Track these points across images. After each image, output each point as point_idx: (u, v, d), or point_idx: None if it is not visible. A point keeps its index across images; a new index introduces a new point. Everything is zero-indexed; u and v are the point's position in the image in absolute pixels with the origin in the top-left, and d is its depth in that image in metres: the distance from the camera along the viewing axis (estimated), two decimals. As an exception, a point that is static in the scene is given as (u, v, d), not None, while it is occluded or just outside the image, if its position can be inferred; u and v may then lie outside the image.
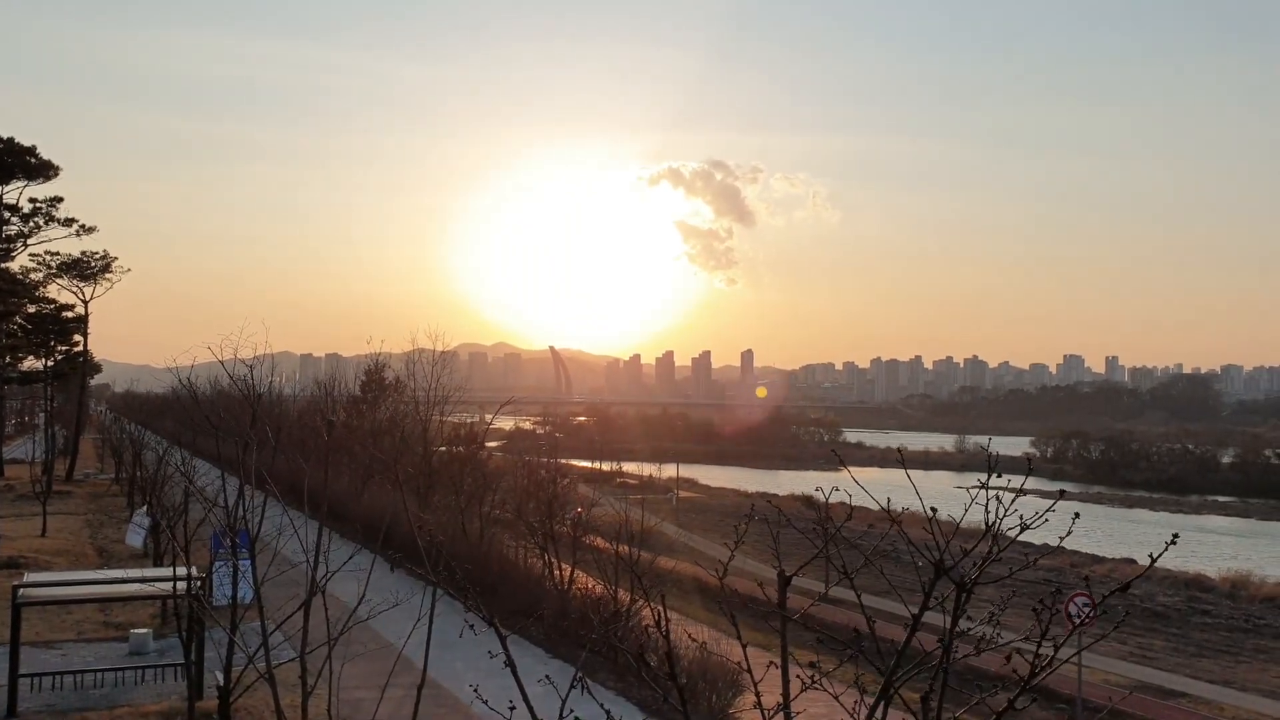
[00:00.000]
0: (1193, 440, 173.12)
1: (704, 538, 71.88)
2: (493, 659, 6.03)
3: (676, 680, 5.18)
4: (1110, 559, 71.84)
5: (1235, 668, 42.73)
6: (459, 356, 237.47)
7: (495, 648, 6.12)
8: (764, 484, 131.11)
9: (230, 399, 33.04)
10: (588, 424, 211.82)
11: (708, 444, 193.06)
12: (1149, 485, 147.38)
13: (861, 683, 4.94)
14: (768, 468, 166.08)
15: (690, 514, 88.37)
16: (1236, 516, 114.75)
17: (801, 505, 76.32)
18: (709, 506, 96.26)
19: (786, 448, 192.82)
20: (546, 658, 29.29)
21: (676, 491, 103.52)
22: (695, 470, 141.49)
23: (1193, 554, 78.78)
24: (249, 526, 15.36)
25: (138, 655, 28.75)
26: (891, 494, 5.90)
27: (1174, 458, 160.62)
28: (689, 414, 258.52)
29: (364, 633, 14.98)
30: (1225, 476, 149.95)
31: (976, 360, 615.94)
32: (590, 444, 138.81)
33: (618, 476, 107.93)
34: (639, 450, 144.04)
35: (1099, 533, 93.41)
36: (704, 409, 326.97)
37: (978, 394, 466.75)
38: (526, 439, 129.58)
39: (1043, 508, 5.62)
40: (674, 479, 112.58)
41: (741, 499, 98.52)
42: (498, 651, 6.04)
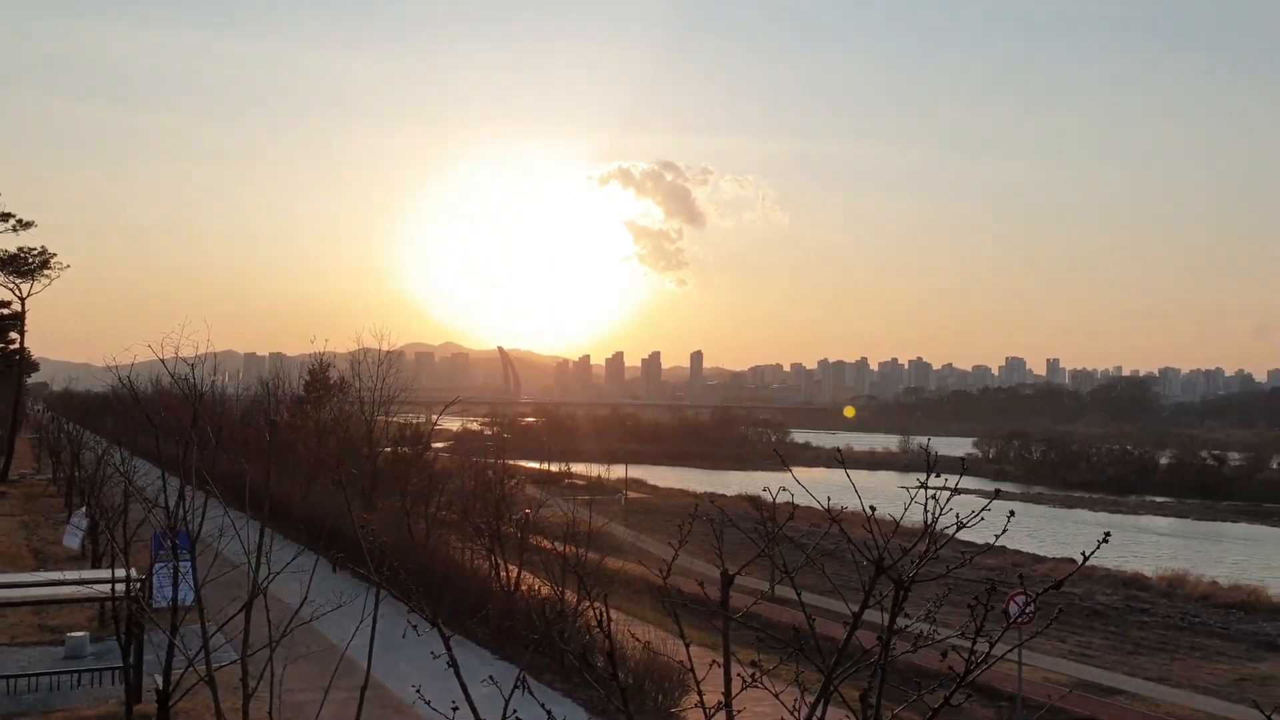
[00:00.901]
0: (1131, 441, 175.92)
1: (652, 538, 71.88)
2: (436, 660, 6.02)
3: (619, 680, 5.20)
4: (1050, 558, 72.86)
5: (1171, 665, 43.57)
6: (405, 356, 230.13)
7: (440, 649, 6.10)
8: (713, 484, 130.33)
9: (171, 398, 32.58)
10: (536, 425, 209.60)
11: (657, 445, 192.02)
12: (1089, 486, 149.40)
13: (802, 681, 4.99)
14: (717, 468, 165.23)
15: (639, 515, 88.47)
16: (1174, 517, 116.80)
17: (748, 505, 76.45)
18: (657, 507, 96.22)
19: (735, 448, 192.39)
20: (492, 659, 29.20)
21: (625, 492, 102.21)
22: (644, 471, 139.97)
23: (1131, 554, 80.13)
24: (190, 527, 15.17)
25: (74, 659, 28.27)
26: (835, 494, 5.99)
27: (1113, 459, 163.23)
28: (639, 415, 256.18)
29: (307, 634, 14.85)
30: (1163, 477, 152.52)
31: (921, 362, 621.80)
32: (539, 445, 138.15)
33: (566, 477, 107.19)
34: (588, 451, 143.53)
35: (1041, 533, 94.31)
36: (654, 410, 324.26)
37: (922, 395, 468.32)
38: (474, 440, 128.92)
39: (981, 507, 5.69)
40: (623, 480, 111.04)
41: (689, 499, 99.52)
42: (441, 653, 6.02)
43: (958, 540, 6.12)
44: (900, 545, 5.60)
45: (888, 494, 7.09)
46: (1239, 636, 50.46)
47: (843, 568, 11.20)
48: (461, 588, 33.25)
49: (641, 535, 72.97)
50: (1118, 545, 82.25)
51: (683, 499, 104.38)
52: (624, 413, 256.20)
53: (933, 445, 26.61)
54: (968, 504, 5.63)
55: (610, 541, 56.25)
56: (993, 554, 59.76)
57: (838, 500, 5.93)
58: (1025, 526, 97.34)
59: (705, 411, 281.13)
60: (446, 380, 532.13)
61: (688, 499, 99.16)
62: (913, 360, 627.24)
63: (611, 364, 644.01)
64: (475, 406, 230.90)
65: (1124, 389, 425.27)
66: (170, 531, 15.90)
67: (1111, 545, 5.04)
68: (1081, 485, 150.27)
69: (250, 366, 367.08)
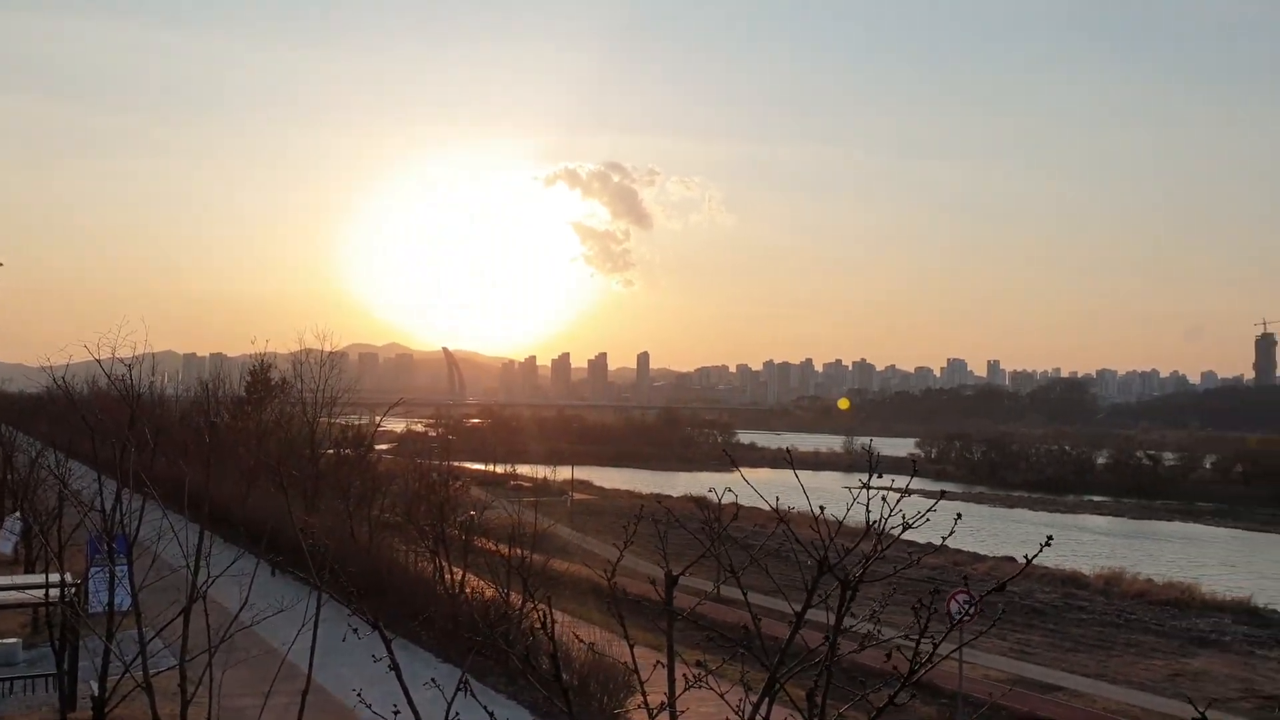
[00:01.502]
0: (1069, 442, 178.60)
1: (598, 539, 71.75)
2: (378, 663, 5.95)
3: (562, 681, 5.17)
4: (991, 557, 73.73)
5: (1108, 661, 44.29)
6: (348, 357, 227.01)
7: (382, 652, 6.02)
8: (659, 485, 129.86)
9: (108, 399, 31.99)
10: (481, 426, 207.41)
11: (604, 446, 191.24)
12: (1028, 486, 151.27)
13: (748, 680, 4.98)
14: (663, 469, 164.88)
15: (585, 516, 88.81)
16: (1111, 515, 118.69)
17: (694, 506, 76.16)
18: (603, 508, 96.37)
19: (682, 449, 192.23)
20: (436, 662, 28.97)
21: (571, 494, 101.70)
22: (591, 472, 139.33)
23: (1070, 552, 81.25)
24: (127, 531, 14.89)
25: (6, 666, 27.67)
26: (782, 494, 5.92)
27: (1051, 459, 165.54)
28: (585, 416, 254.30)
29: (247, 639, 14.63)
30: (1100, 477, 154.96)
31: (864, 363, 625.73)
32: (484, 447, 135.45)
33: (511, 479, 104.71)
34: (534, 453, 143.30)
35: (983, 532, 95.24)
36: (600, 411, 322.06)
37: (865, 396, 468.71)
38: (418, 441, 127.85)
39: (925, 507, 5.75)
40: (569, 481, 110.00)
41: (635, 500, 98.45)
42: (383, 656, 5.95)
43: (902, 541, 6.16)
44: (844, 545, 5.61)
45: (832, 494, 7.12)
46: (1173, 633, 51.38)
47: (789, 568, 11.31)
48: (405, 591, 32.95)
49: (587, 537, 73.00)
50: (1056, 544, 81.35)
51: (629, 500, 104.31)
52: (570, 414, 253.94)
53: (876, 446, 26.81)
54: (912, 505, 5.67)
55: (556, 543, 55.54)
56: (935, 553, 58.92)
57: (785, 501, 5.94)
58: (967, 526, 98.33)
59: (651, 413, 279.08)
60: (391, 381, 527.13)
61: (634, 500, 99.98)
62: (856, 361, 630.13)
63: (558, 365, 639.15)
64: (420, 408, 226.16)
65: (1062, 390, 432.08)
66: (106, 535, 15.60)
67: (1050, 545, 5.10)
68: (1021, 485, 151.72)
69: (190, 367, 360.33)
